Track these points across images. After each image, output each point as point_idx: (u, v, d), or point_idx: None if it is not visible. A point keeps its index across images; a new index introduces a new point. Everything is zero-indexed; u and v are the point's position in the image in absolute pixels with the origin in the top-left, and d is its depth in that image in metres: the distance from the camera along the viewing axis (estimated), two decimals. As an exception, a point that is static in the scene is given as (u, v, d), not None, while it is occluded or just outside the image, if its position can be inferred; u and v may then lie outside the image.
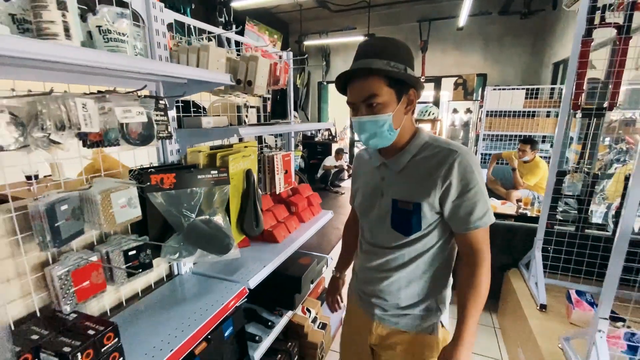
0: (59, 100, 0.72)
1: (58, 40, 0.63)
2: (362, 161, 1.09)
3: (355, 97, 0.84)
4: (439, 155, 0.86)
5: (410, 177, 0.90)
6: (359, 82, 0.83)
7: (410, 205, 0.88)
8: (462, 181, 0.84)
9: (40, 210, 0.78)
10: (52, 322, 0.85)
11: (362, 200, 1.02)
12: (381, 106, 0.83)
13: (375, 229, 0.99)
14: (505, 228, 2.33)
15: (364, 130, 0.86)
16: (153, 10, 1.11)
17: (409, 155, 0.90)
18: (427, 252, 0.93)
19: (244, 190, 1.29)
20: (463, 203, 0.85)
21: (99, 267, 0.96)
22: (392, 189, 0.92)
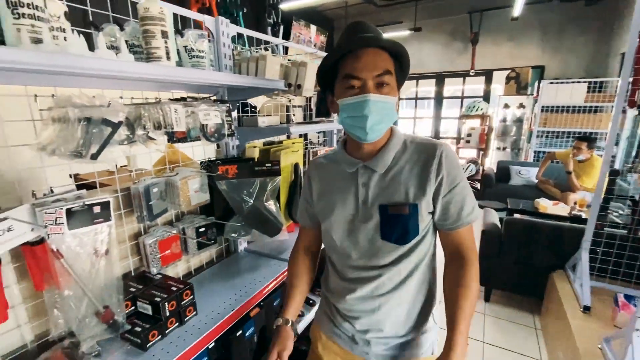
0: (158, 106, 0.92)
1: (162, 62, 0.83)
2: (324, 170, 0.92)
3: (368, 71, 0.72)
4: (426, 150, 0.80)
5: (400, 177, 0.79)
6: (371, 55, 0.72)
7: (406, 208, 0.78)
8: (450, 175, 0.78)
9: (140, 191, 1.01)
10: (144, 280, 1.08)
11: (338, 216, 0.85)
12: (390, 88, 0.74)
13: (362, 246, 0.84)
14: (551, 228, 2.27)
15: (373, 111, 0.72)
16: (221, 27, 1.30)
17: (391, 154, 0.81)
18: (423, 261, 0.84)
19: (292, 181, 1.46)
20: (453, 198, 0.79)
21: (177, 239, 1.18)
22: (378, 194, 0.80)
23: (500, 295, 2.67)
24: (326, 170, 0.92)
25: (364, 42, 0.73)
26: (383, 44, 0.73)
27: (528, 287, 2.42)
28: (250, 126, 1.44)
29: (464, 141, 4.69)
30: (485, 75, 6.13)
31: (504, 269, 2.45)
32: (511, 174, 4.51)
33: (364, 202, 0.82)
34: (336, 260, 0.92)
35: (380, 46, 0.74)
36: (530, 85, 5.17)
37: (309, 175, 0.97)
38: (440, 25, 6.27)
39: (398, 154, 0.82)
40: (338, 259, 0.91)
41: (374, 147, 0.82)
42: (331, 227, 0.88)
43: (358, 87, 0.74)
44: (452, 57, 6.28)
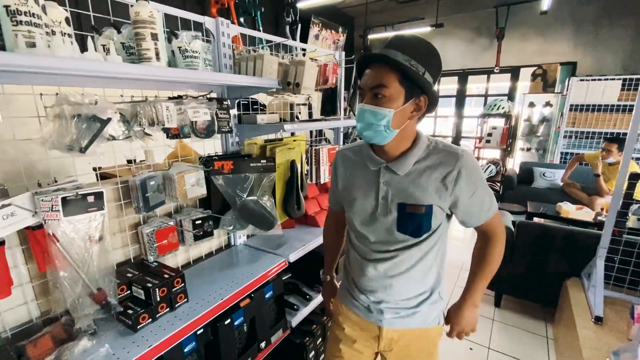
0: (151, 104, 0.98)
1: (152, 63, 0.89)
2: (349, 162, 1.02)
3: (364, 83, 0.83)
4: (445, 160, 0.87)
5: (419, 181, 0.87)
6: (373, 69, 0.82)
7: (422, 208, 0.87)
8: (470, 183, 0.86)
9: (137, 183, 1.08)
10: (141, 267, 1.15)
11: (361, 205, 0.95)
12: (385, 99, 0.81)
13: (379, 234, 0.95)
14: (566, 233, 2.16)
15: (362, 119, 0.83)
16: (221, 27, 1.35)
17: (413, 159, 0.89)
18: (433, 249, 0.95)
19: (289, 177, 1.49)
20: (474, 202, 0.89)
21: (174, 230, 1.25)
22: (397, 193, 0.89)
23: (512, 301, 2.57)
24: (351, 163, 1.01)
25: (366, 58, 0.85)
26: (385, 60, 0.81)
27: (541, 294, 2.32)
28: (250, 123, 1.49)
29: (484, 141, 4.52)
30: (511, 73, 5.87)
31: (516, 274, 2.36)
32: (535, 175, 4.31)
33: (384, 199, 0.91)
34: (356, 241, 1.03)
35: (383, 62, 0.82)
36: (560, 83, 4.90)
37: (335, 164, 1.07)
38: (463, 21, 6.06)
39: (420, 159, 0.89)
40: (358, 240, 1.02)
41: (396, 151, 0.90)
42: (353, 215, 0.99)
43: (362, 97, 0.86)
44: (475, 53, 6.07)
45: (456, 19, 6.08)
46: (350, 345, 1.08)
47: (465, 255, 3.37)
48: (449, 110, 7.11)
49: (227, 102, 1.32)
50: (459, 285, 2.82)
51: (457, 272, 3.06)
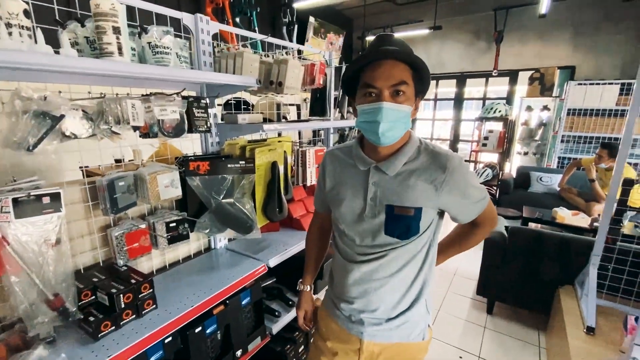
0: (117, 101, 0.94)
1: (114, 58, 0.84)
2: (338, 162, 0.98)
3: (384, 81, 0.77)
4: (434, 161, 0.84)
5: (408, 182, 0.84)
6: (388, 66, 0.77)
7: (412, 210, 0.84)
8: (460, 184, 0.84)
9: (104, 184, 1.03)
10: (109, 271, 1.11)
11: (349, 205, 0.91)
12: (405, 97, 0.79)
13: (365, 236, 0.91)
14: (559, 239, 2.11)
15: (386, 118, 0.78)
16: (200, 24, 1.31)
17: (403, 159, 0.86)
18: (421, 252, 0.91)
19: (270, 179, 1.45)
20: (465, 201, 0.88)
21: (146, 233, 1.20)
22: (386, 195, 0.86)
23: (504, 308, 2.52)
24: (340, 163, 0.97)
25: (381, 54, 0.79)
26: (400, 57, 0.78)
27: (533, 302, 2.27)
28: (231, 123, 1.44)
29: (481, 144, 4.47)
30: (510, 76, 5.83)
31: (508, 281, 2.31)
32: (531, 180, 4.26)
33: (372, 200, 0.88)
34: (341, 243, 1.00)
35: (398, 58, 0.78)
36: (559, 87, 4.86)
37: (323, 164, 1.03)
38: (462, 24, 6.03)
39: (410, 160, 0.86)
40: (343, 242, 0.99)
41: (388, 151, 0.87)
42: (340, 216, 0.95)
43: (375, 95, 0.79)
44: (474, 56, 6.03)
45: (455, 22, 6.05)
46: (331, 358, 1.04)
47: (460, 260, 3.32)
48: (447, 114, 7.08)
49: (205, 100, 1.28)
50: (452, 292, 2.77)
51: (450, 277, 3.01)
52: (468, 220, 0.93)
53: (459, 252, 1.06)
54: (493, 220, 0.96)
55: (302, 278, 1.19)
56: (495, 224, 0.97)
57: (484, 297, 2.49)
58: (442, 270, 3.09)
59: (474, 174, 0.89)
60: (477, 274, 2.97)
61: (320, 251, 1.20)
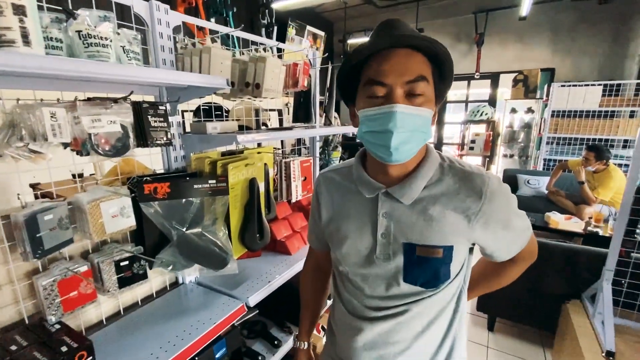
0: (29, 110, 0.69)
1: (14, 48, 0.59)
2: (336, 188, 0.77)
3: (397, 76, 0.58)
4: (466, 184, 0.65)
5: (432, 213, 0.64)
6: (402, 57, 0.58)
7: (440, 251, 0.65)
8: (502, 214, 0.66)
9: (20, 221, 0.77)
10: (37, 331, 0.84)
11: (351, 248, 0.72)
12: (424, 99, 0.60)
13: (377, 284, 0.71)
14: (565, 251, 1.97)
15: (400, 126, 0.57)
16: (157, 13, 1.07)
17: (422, 182, 0.66)
18: (451, 302, 0.71)
19: (248, 200, 1.21)
20: (507, 235, 0.69)
21: (89, 276, 0.94)
22: (403, 230, 0.66)
23: (506, 324, 2.36)
24: (338, 189, 0.77)
25: (395, 39, 0.59)
26: (417, 43, 0.58)
27: (538, 318, 2.12)
28: (198, 133, 1.20)
29: (468, 148, 4.38)
30: (491, 79, 5.83)
31: (510, 296, 2.15)
32: (519, 183, 4.20)
33: (384, 236, 0.68)
34: (345, 293, 0.78)
35: (414, 45, 0.59)
36: (539, 89, 4.86)
37: (316, 191, 0.83)
38: (443, 27, 6.00)
39: (431, 183, 0.67)
40: (348, 292, 0.77)
41: (400, 171, 0.67)
42: (342, 258, 0.74)
43: (383, 96, 0.60)
44: (455, 59, 5.85)
45: (435, 25, 6.01)
46: None
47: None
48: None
49: (165, 106, 1.03)
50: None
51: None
52: (508, 257, 0.74)
53: (485, 292, 0.86)
54: (534, 253, 0.79)
55: (297, 331, 0.98)
56: (535, 257, 0.78)
57: (484, 314, 2.33)
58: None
59: (516, 199, 0.70)
60: (474, 285, 2.82)
61: (319, 298, 0.98)
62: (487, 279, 0.84)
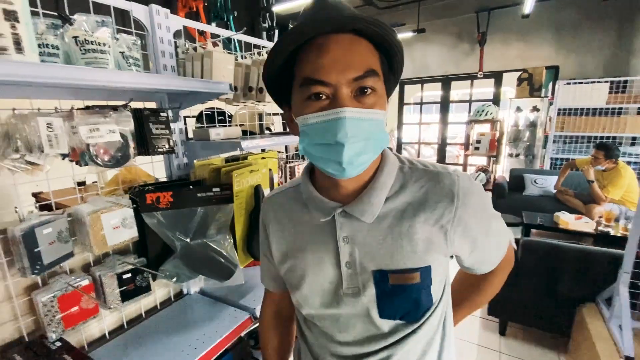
0: (24, 120, 0.66)
1: (6, 56, 0.56)
2: (285, 215, 0.63)
3: (341, 72, 0.45)
4: (436, 186, 0.54)
5: (401, 227, 0.53)
6: (345, 46, 0.46)
7: (416, 275, 0.53)
8: (481, 218, 0.56)
9: (17, 235, 0.74)
10: (37, 349, 0.81)
11: (313, 285, 0.58)
12: (377, 97, 0.49)
13: (350, 327, 0.58)
14: (579, 252, 1.91)
15: (352, 135, 0.46)
16: (157, 18, 1.04)
17: (383, 193, 0.54)
18: (438, 329, 0.61)
19: (253, 207, 1.18)
20: (488, 243, 0.60)
21: (90, 291, 0.91)
22: (370, 254, 0.54)
23: (518, 328, 2.31)
24: (288, 215, 0.63)
25: (334, 23, 0.46)
26: (362, 27, 0.46)
27: (551, 322, 2.06)
28: (201, 139, 1.17)
29: (473, 148, 4.33)
30: (495, 78, 5.78)
31: (522, 299, 2.10)
32: (526, 183, 4.14)
33: (349, 266, 0.56)
34: (312, 339, 0.64)
35: (358, 31, 0.47)
36: (544, 87, 4.80)
37: (263, 222, 0.68)
38: (445, 26, 5.97)
39: (394, 192, 0.56)
40: (315, 339, 0.64)
41: (357, 183, 0.55)
42: (304, 300, 0.60)
43: (326, 98, 0.47)
44: (458, 59, 5.96)
45: (437, 25, 5.98)
46: None
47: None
48: (433, 117, 6.98)
49: (167, 113, 1.00)
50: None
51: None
52: (492, 267, 0.64)
53: (469, 313, 0.75)
54: (512, 259, 0.70)
55: None
56: (513, 263, 0.71)
57: (496, 318, 2.27)
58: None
59: (490, 198, 0.62)
60: (483, 288, 2.76)
61: (283, 350, 0.79)
62: (470, 299, 0.73)
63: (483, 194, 0.57)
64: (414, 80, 6.47)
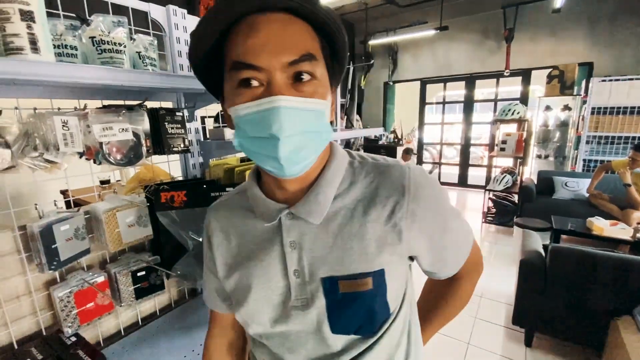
0: (41, 119, 0.67)
1: (22, 55, 0.57)
2: (229, 222, 0.56)
3: (274, 55, 0.40)
4: (386, 180, 0.50)
5: (351, 228, 0.48)
6: (278, 26, 0.41)
7: (368, 281, 0.48)
8: (437, 213, 0.51)
9: (35, 232, 0.76)
10: (53, 343, 0.83)
11: (259, 299, 0.52)
12: (317, 84, 0.43)
13: (302, 346, 0.52)
14: (615, 262, 1.78)
15: (289, 128, 0.40)
16: (174, 18, 1.05)
17: (331, 191, 0.49)
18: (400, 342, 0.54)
19: (267, 208, 1.16)
20: (448, 240, 0.54)
21: (105, 288, 0.92)
22: (319, 260, 0.49)
23: (546, 340, 2.18)
24: (233, 223, 0.56)
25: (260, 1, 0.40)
26: (294, 4, 0.41)
27: (582, 334, 1.93)
28: (217, 139, 1.17)
29: (498, 149, 4.15)
30: (522, 76, 5.54)
31: (550, 310, 1.98)
32: (555, 185, 3.92)
33: (297, 274, 0.50)
34: (261, 356, 0.58)
35: (292, 8, 0.41)
36: (577, 85, 4.54)
37: (207, 233, 0.59)
38: (469, 23, 5.78)
39: (343, 189, 0.50)
40: (263, 355, 0.57)
41: (303, 182, 0.49)
42: (250, 317, 0.53)
43: (260, 85, 0.41)
44: (483, 57, 5.76)
45: (461, 22, 5.79)
46: None
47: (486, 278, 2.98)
48: (456, 117, 6.78)
49: (182, 113, 1.01)
50: (481, 318, 2.44)
51: (477, 300, 2.68)
52: (456, 269, 0.58)
53: (439, 328, 0.68)
54: (480, 263, 0.64)
55: None
56: (482, 268, 0.65)
57: (521, 327, 2.16)
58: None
59: (447, 193, 0.54)
60: (509, 295, 2.64)
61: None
62: (436, 312, 0.66)
63: (438, 188, 0.52)
64: (436, 79, 6.31)
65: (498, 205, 4.27)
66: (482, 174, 4.49)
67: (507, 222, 4.05)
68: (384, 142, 6.61)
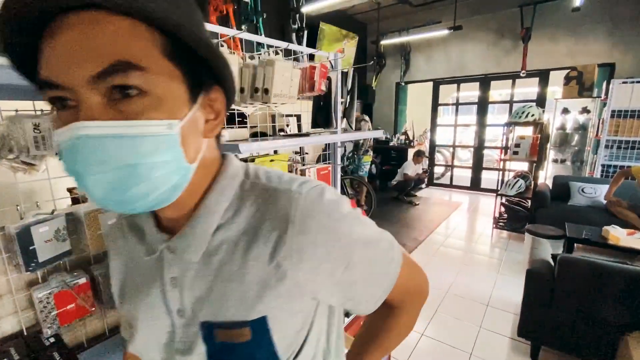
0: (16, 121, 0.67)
1: None
2: (124, 245, 0.50)
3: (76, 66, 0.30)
4: (270, 208, 0.41)
5: (231, 267, 0.41)
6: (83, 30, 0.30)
7: (246, 331, 0.41)
8: (332, 242, 0.41)
9: (12, 233, 0.76)
10: (32, 344, 0.83)
11: (147, 331, 0.46)
12: (151, 102, 0.32)
13: None
14: (626, 274, 1.68)
15: (101, 162, 0.31)
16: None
17: (212, 220, 0.42)
18: None
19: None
20: (354, 277, 0.44)
21: (87, 289, 0.92)
22: (199, 301, 0.42)
23: (553, 354, 2.08)
24: (127, 246, 0.49)
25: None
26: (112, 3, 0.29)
27: (590, 349, 1.83)
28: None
29: (511, 152, 4.02)
30: (540, 76, 5.36)
31: (557, 322, 1.89)
32: (572, 191, 3.77)
33: (181, 314, 0.44)
34: None
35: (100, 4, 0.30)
36: (596, 86, 4.35)
37: (110, 247, 0.54)
38: (484, 23, 5.63)
39: (227, 217, 0.42)
40: None
41: (180, 209, 0.42)
42: (141, 354, 0.48)
43: (70, 107, 0.32)
44: (498, 57, 5.60)
45: (475, 21, 5.65)
46: None
47: (491, 286, 2.89)
48: (470, 119, 6.62)
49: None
50: (486, 329, 2.36)
51: (482, 309, 2.59)
52: (376, 305, 0.48)
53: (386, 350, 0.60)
54: (418, 292, 0.54)
55: None
56: (426, 291, 0.56)
57: (527, 340, 2.07)
58: (470, 301, 2.68)
59: (357, 214, 0.44)
60: (516, 304, 2.54)
61: None
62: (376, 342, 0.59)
63: (335, 215, 0.41)
64: (449, 80, 6.18)
65: (510, 211, 4.13)
66: (496, 178, 4.36)
67: (518, 228, 3.92)
68: (395, 143, 6.52)
